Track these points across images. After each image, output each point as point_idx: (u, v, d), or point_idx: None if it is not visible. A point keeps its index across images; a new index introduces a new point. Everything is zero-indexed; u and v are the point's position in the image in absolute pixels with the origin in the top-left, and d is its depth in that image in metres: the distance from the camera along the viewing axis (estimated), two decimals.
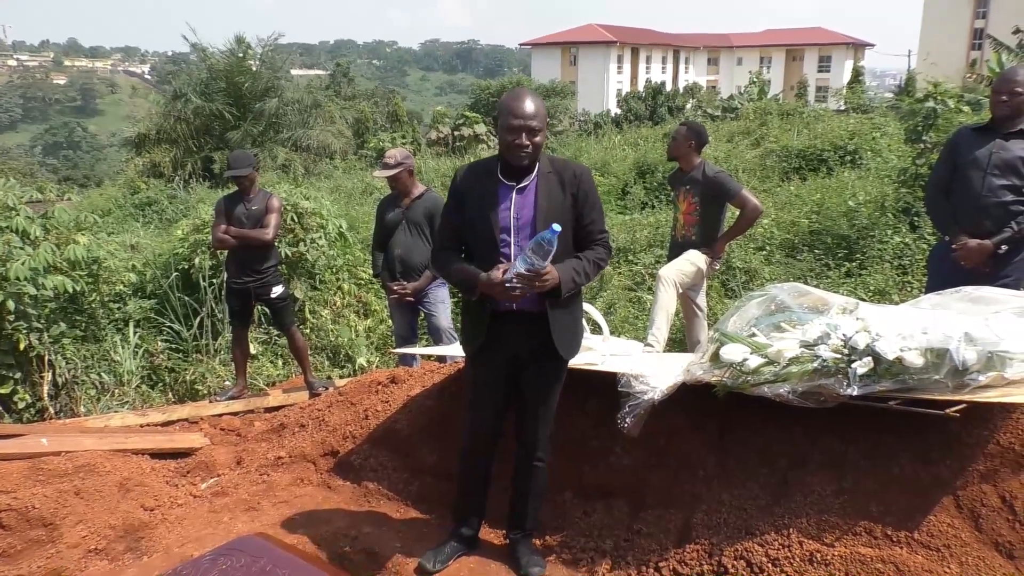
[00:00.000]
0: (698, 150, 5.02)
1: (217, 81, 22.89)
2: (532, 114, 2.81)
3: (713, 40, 68.59)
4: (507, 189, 2.91)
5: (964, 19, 43.09)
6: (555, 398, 3.11)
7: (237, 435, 4.92)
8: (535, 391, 3.07)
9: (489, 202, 2.91)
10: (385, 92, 48.87)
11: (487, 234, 2.91)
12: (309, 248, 7.67)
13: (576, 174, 2.93)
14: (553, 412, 3.12)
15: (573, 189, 2.90)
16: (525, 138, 2.80)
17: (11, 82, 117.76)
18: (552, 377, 3.06)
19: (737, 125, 18.55)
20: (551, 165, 2.95)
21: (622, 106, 36.38)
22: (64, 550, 3.47)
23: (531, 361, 3.02)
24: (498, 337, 3.00)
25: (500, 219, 2.89)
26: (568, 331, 3.00)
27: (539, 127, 2.82)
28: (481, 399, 3.16)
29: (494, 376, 3.08)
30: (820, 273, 7.59)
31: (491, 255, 2.90)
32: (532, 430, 3.10)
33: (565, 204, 2.90)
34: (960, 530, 2.67)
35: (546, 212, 2.86)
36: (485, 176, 2.96)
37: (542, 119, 2.84)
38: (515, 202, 2.89)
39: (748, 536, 2.89)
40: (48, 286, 5.46)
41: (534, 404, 3.08)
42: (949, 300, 3.08)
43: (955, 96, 8.13)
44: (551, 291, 2.83)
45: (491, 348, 3.04)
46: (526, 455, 3.14)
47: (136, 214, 15.47)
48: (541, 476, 3.17)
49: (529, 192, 2.90)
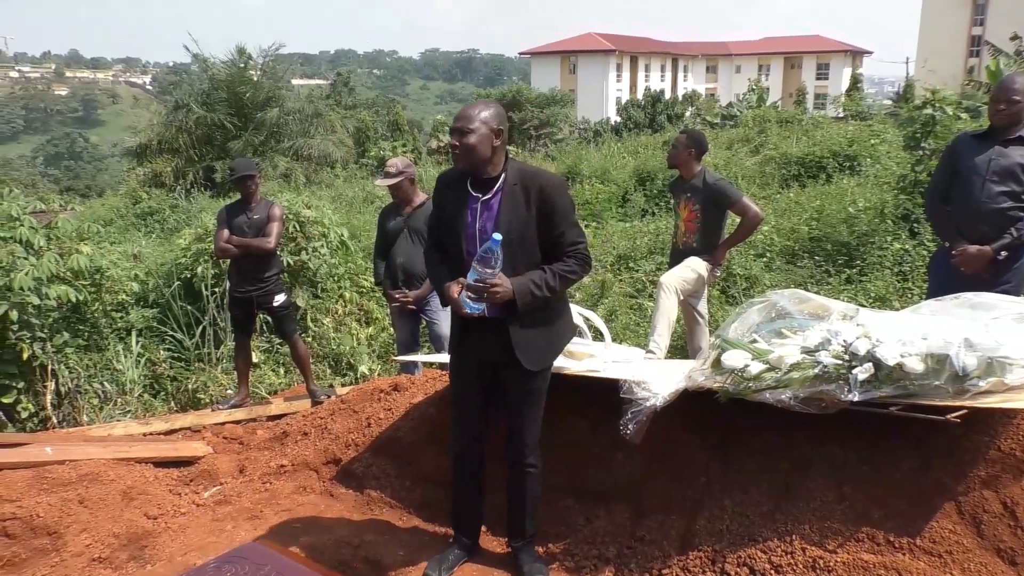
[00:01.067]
0: (698, 158, 5.04)
1: (218, 91, 22.92)
2: (463, 115, 2.86)
3: (711, 48, 68.82)
4: (474, 200, 2.93)
5: (962, 26, 43.22)
6: (534, 405, 3.07)
7: (240, 443, 4.93)
8: (510, 400, 3.07)
9: (456, 214, 2.95)
10: (386, 101, 49.00)
11: (455, 244, 2.95)
12: (311, 256, 7.69)
13: (543, 187, 2.88)
14: (536, 419, 3.09)
15: (538, 203, 2.86)
16: (455, 138, 2.85)
17: (13, 93, 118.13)
18: (523, 387, 3.02)
19: (736, 133, 18.60)
20: (518, 177, 2.92)
21: (621, 114, 36.49)
22: (68, 559, 3.48)
23: (505, 372, 3.02)
24: (467, 344, 3.04)
25: (467, 230, 2.92)
26: (531, 342, 2.95)
27: (469, 129, 2.82)
28: (459, 405, 3.20)
29: (468, 382, 3.12)
30: (820, 280, 7.61)
31: (459, 264, 2.94)
32: (517, 437, 3.09)
33: (529, 217, 2.87)
34: (962, 536, 2.68)
35: (507, 226, 2.84)
36: (456, 186, 2.99)
37: (478, 123, 2.83)
38: (481, 215, 2.91)
39: (751, 542, 2.89)
40: (51, 296, 5.48)
41: (517, 413, 3.07)
42: (949, 306, 3.10)
43: (953, 103, 8.17)
44: (508, 304, 2.83)
45: (462, 355, 3.09)
46: (515, 462, 3.14)
47: (138, 224, 15.50)
48: (533, 482, 3.15)
49: (494, 204, 2.90)
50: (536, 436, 3.12)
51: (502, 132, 2.88)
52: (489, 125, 2.84)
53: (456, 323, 3.07)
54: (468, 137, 2.82)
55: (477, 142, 2.83)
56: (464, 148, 2.83)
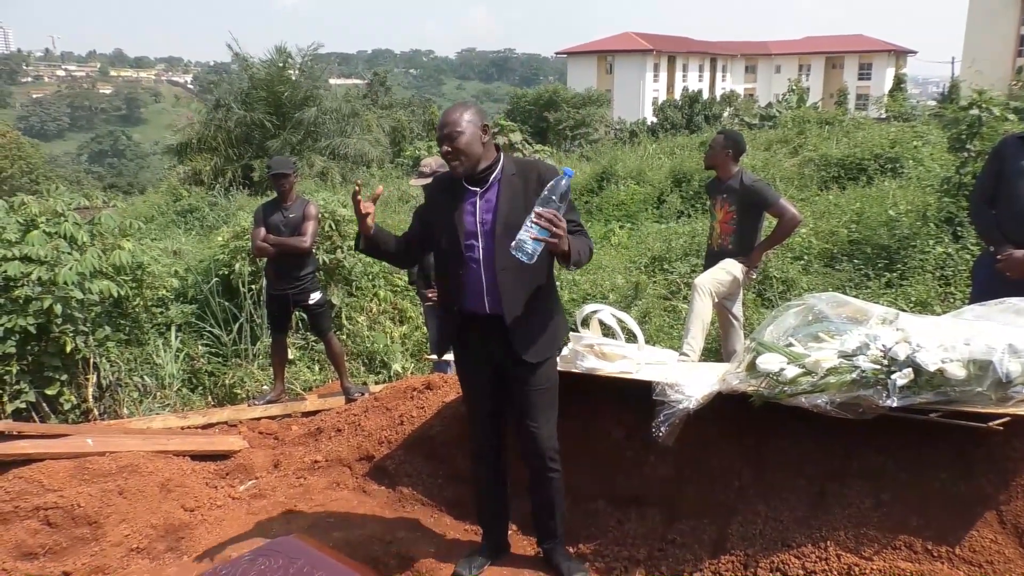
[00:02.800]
0: (736, 159, 4.98)
1: (258, 90, 23.20)
2: (448, 121, 2.86)
3: (751, 48, 67.96)
4: (471, 195, 2.94)
5: (1010, 25, 42.14)
6: (545, 406, 3.02)
7: (275, 439, 4.99)
8: (523, 400, 3.01)
9: (455, 209, 2.94)
10: (421, 101, 49.22)
11: (454, 239, 2.94)
12: (346, 255, 7.76)
13: (541, 174, 2.91)
14: (550, 419, 3.04)
15: (536, 190, 2.85)
16: (446, 145, 2.85)
17: (59, 92, 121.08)
18: (534, 382, 2.99)
19: (775, 134, 18.36)
20: (516, 167, 2.96)
21: (658, 114, 36.27)
22: (107, 548, 3.55)
23: (510, 370, 3.00)
24: (475, 344, 3.03)
25: (466, 224, 2.92)
26: (529, 335, 2.95)
27: (458, 132, 2.83)
28: (471, 406, 3.19)
29: (478, 382, 3.11)
30: (859, 283, 7.48)
31: (460, 260, 2.93)
32: (534, 440, 3.02)
33: (529, 204, 2.83)
34: (1003, 546, 2.61)
35: (507, 215, 2.86)
36: (454, 183, 2.99)
37: (465, 124, 2.85)
38: (479, 207, 2.92)
39: (784, 548, 2.86)
40: (94, 290, 5.59)
41: (528, 413, 3.01)
42: (993, 311, 3.02)
43: (1000, 104, 7.97)
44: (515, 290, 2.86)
45: (466, 356, 3.10)
46: (535, 467, 3.08)
47: (178, 221, 15.78)
48: (556, 484, 3.10)
49: (491, 195, 2.92)
50: (552, 438, 3.05)
51: (488, 127, 2.93)
52: (474, 123, 2.88)
53: (452, 327, 3.06)
54: (459, 140, 2.84)
55: (469, 142, 2.86)
56: (457, 150, 2.85)
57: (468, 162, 2.88)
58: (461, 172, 2.90)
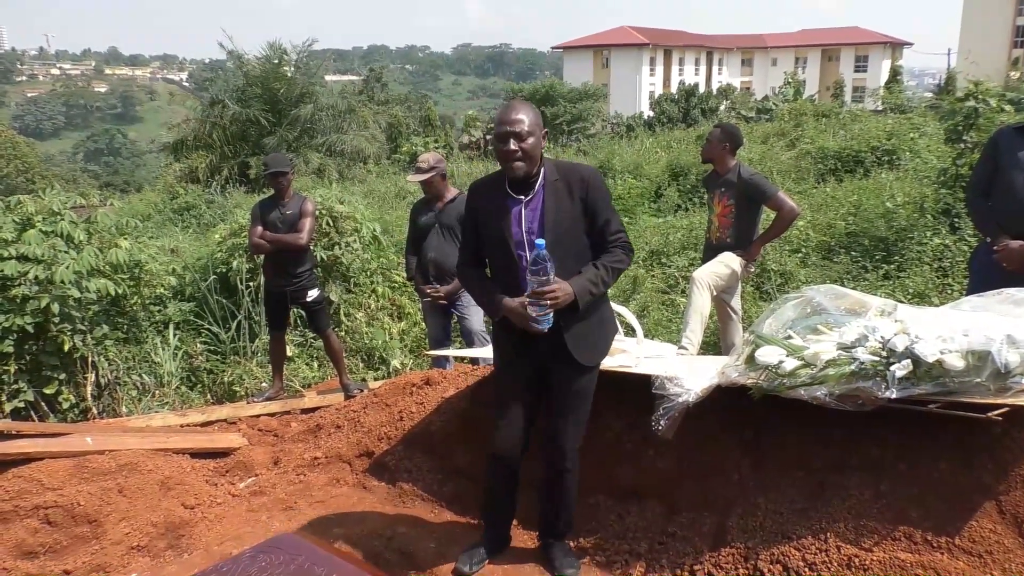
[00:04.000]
0: (732, 152, 4.98)
1: (253, 87, 23.16)
2: (518, 119, 2.78)
3: (747, 41, 67.87)
4: (516, 203, 2.89)
5: (1006, 17, 42.14)
6: (584, 408, 3.05)
7: (274, 436, 4.99)
8: (562, 401, 3.03)
9: (501, 219, 2.90)
10: (418, 97, 49.22)
11: (504, 251, 2.91)
12: (344, 252, 7.75)
13: (584, 178, 2.89)
14: (581, 422, 3.06)
15: (582, 194, 2.86)
16: (513, 143, 2.78)
17: (54, 90, 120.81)
18: (577, 386, 3.01)
19: (772, 126, 18.38)
20: (557, 172, 2.91)
21: (655, 108, 36.23)
22: (108, 546, 3.55)
23: (555, 371, 3.00)
24: (524, 350, 2.99)
25: (513, 235, 2.87)
26: (584, 338, 2.95)
27: (527, 131, 2.78)
28: (506, 408, 3.12)
29: (520, 387, 3.07)
30: (857, 276, 7.49)
31: (511, 271, 2.91)
32: (561, 441, 3.04)
33: (575, 210, 2.86)
34: (1003, 536, 2.62)
35: (554, 222, 2.83)
36: (495, 191, 2.95)
37: (533, 125, 2.80)
38: (525, 216, 2.88)
39: (784, 540, 2.86)
40: (91, 289, 5.58)
41: (562, 414, 3.03)
42: (991, 302, 3.02)
43: (997, 95, 7.97)
44: (570, 306, 2.81)
45: (515, 361, 3.05)
46: (554, 464, 3.09)
47: (175, 219, 15.73)
48: (571, 484, 3.13)
49: (537, 202, 2.88)
50: (578, 440, 3.07)
51: (546, 132, 2.90)
52: (539, 126, 2.84)
53: (501, 343, 3.04)
54: (528, 140, 2.79)
55: (535, 144, 2.81)
56: (524, 152, 2.79)
57: (530, 165, 2.83)
58: (521, 175, 2.83)
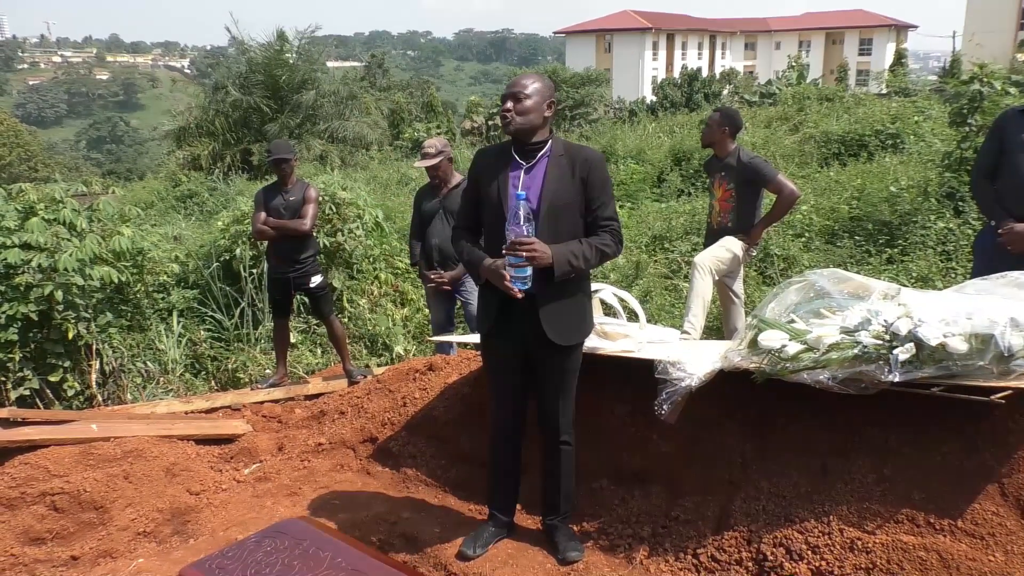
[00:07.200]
0: (732, 136, 4.97)
1: (255, 74, 23.04)
2: (522, 83, 2.93)
3: (750, 24, 67.41)
4: (517, 166, 2.96)
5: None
6: (567, 386, 3.10)
7: (278, 422, 5.01)
8: (543, 377, 3.09)
9: (499, 181, 2.97)
10: (420, 82, 49.04)
11: (497, 212, 2.94)
12: (347, 238, 7.74)
13: (588, 159, 2.96)
14: (570, 399, 3.13)
15: (583, 173, 2.92)
16: (510, 103, 2.90)
17: (56, 78, 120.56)
18: (555, 365, 3.05)
19: (775, 111, 18.26)
20: (564, 149, 2.99)
21: (657, 93, 36.10)
22: (114, 532, 3.58)
23: (536, 355, 3.05)
24: (507, 323, 3.03)
25: (510, 197, 2.91)
26: (561, 319, 2.98)
27: (526, 95, 2.89)
28: (497, 385, 3.21)
29: (505, 362, 3.13)
30: (860, 260, 7.47)
31: (502, 233, 2.92)
32: (551, 415, 3.13)
33: (573, 187, 2.92)
34: (1005, 518, 2.62)
35: (553, 192, 2.90)
36: (499, 156, 3.03)
37: (534, 91, 2.91)
38: (523, 181, 2.93)
39: (787, 523, 2.87)
40: (95, 277, 5.59)
41: (546, 390, 3.10)
42: (994, 285, 3.01)
43: (1002, 78, 7.92)
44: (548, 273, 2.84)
45: (500, 334, 3.08)
46: (549, 438, 3.18)
47: (178, 206, 15.74)
48: (567, 457, 3.18)
49: (538, 172, 2.94)
50: (570, 415, 3.15)
51: (553, 104, 2.97)
52: (542, 94, 2.94)
53: (491, 303, 3.07)
54: (524, 102, 2.89)
55: (532, 107, 2.90)
56: (518, 111, 2.89)
57: (526, 125, 2.91)
58: (512, 130, 2.92)
